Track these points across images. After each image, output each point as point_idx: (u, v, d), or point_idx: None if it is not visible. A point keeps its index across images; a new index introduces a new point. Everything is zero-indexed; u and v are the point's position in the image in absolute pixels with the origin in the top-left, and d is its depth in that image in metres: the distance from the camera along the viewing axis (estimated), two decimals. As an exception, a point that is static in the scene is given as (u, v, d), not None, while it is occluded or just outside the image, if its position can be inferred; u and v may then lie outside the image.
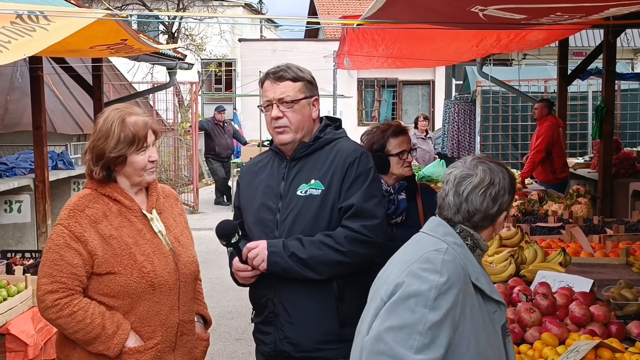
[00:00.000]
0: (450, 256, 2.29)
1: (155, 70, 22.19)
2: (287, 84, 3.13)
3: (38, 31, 3.38)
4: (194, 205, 14.88)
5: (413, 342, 2.15)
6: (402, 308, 2.22)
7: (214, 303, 8.09)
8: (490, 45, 7.08)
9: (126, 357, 2.89)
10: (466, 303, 2.25)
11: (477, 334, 2.26)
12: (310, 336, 3.06)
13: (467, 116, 15.78)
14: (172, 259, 3.02)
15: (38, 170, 8.37)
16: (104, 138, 2.91)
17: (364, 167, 3.11)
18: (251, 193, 3.27)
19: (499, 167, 2.43)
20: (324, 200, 3.07)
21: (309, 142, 3.19)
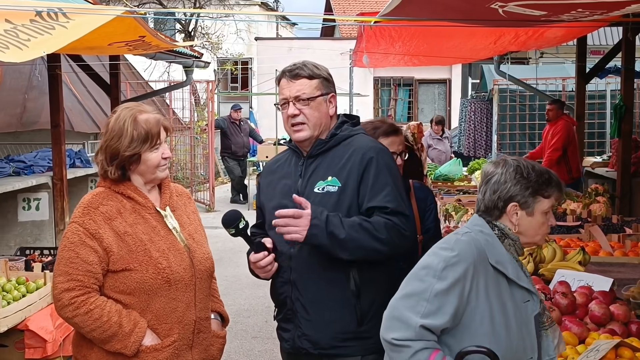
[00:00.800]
0: (467, 237, 2.50)
1: (172, 69, 22.26)
2: (303, 81, 3.13)
3: (57, 29, 3.39)
4: (210, 204, 14.91)
5: (420, 308, 2.37)
6: (414, 279, 2.47)
7: (230, 301, 8.10)
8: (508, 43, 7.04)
9: (144, 355, 2.89)
10: (479, 281, 2.42)
11: (492, 314, 2.41)
12: (328, 334, 3.06)
13: (484, 115, 15.72)
14: (187, 255, 3.02)
15: (56, 168, 8.43)
16: (117, 137, 2.91)
17: (385, 163, 3.09)
18: (270, 192, 3.27)
19: (510, 161, 2.55)
20: (341, 197, 3.06)
21: (326, 139, 3.18)
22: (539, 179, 2.51)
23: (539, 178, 2.51)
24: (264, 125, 21.72)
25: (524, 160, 2.56)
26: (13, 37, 3.17)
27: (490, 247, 2.49)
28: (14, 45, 3.09)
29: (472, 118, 15.86)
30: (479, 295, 2.41)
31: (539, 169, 2.54)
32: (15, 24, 3.28)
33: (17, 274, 4.73)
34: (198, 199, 15.48)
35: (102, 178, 3.00)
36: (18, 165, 8.68)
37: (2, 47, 3.07)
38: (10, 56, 3.07)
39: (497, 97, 14.86)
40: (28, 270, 4.98)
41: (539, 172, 2.52)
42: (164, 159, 3.00)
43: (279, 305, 3.24)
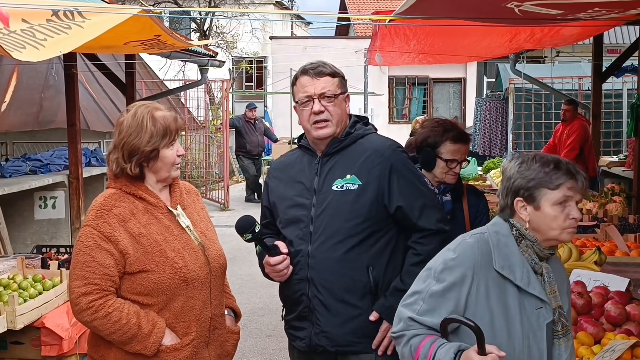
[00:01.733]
0: (473, 240, 2.48)
1: (187, 68, 22.32)
2: (327, 79, 3.15)
3: (73, 28, 3.41)
4: (224, 203, 14.94)
5: (417, 307, 2.43)
6: (418, 278, 2.53)
7: (244, 300, 8.11)
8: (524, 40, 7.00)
9: (164, 355, 2.89)
10: (479, 285, 2.40)
11: (492, 319, 2.39)
12: (346, 330, 3.07)
13: (499, 114, 15.65)
14: (202, 253, 3.02)
15: (72, 167, 8.49)
16: (136, 133, 2.90)
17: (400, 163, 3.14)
18: (281, 191, 3.27)
19: (521, 156, 2.51)
20: (360, 195, 3.07)
21: (341, 138, 3.19)
22: (541, 169, 2.41)
23: (542, 168, 2.41)
24: (278, 124, 21.75)
25: (534, 154, 2.50)
26: (30, 36, 3.19)
27: (500, 250, 2.44)
28: (30, 45, 3.10)
29: (487, 117, 15.80)
30: (479, 300, 2.38)
31: (545, 159, 2.44)
32: (32, 24, 3.30)
33: (33, 271, 4.76)
34: (212, 197, 15.52)
35: (113, 178, 2.99)
36: (34, 164, 8.74)
37: (19, 46, 3.09)
38: (27, 55, 3.09)
39: (512, 96, 14.80)
40: (44, 268, 5.01)
41: (543, 162, 2.42)
42: (179, 156, 3.00)
43: (292, 304, 3.24)
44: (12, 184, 7.81)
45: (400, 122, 23.96)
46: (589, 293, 3.67)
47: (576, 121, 9.78)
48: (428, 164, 3.66)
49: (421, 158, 3.67)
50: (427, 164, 3.67)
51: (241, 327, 7.15)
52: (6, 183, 7.82)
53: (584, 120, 9.94)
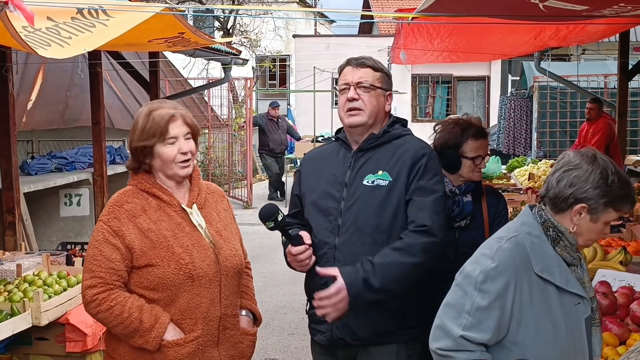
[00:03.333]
0: (510, 244, 2.40)
1: (211, 66, 22.43)
2: (367, 70, 3.20)
3: (98, 26, 3.43)
4: (247, 201, 14.98)
5: (462, 320, 2.35)
6: (457, 287, 2.44)
7: (267, 298, 8.13)
8: (549, 38, 6.93)
9: (166, 350, 2.91)
10: (523, 292, 2.35)
11: (538, 323, 2.35)
12: (369, 324, 3.08)
13: (524, 112, 15.55)
14: (213, 251, 3.02)
15: (97, 165, 8.55)
16: (132, 130, 2.98)
17: (432, 167, 3.13)
18: (313, 181, 3.29)
19: (600, 161, 2.41)
20: (391, 191, 3.08)
21: (378, 134, 3.21)
22: (619, 191, 2.39)
23: (619, 191, 2.39)
24: (301, 122, 21.77)
25: (612, 164, 2.43)
26: (55, 34, 3.21)
27: (536, 252, 2.41)
28: (55, 43, 3.13)
29: (511, 115, 15.70)
30: (523, 307, 2.36)
31: (623, 179, 2.41)
32: (57, 22, 3.32)
33: (58, 268, 4.80)
34: (236, 195, 15.57)
35: (133, 175, 3.06)
36: (60, 162, 8.83)
37: (44, 44, 3.12)
38: (52, 53, 3.12)
39: (537, 94, 14.70)
40: (69, 264, 5.06)
41: (620, 184, 2.39)
42: (182, 154, 2.98)
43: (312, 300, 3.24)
44: (38, 182, 7.89)
45: (423, 120, 23.87)
46: (614, 293, 3.64)
47: (601, 120, 9.69)
48: (453, 166, 3.63)
49: (445, 161, 3.63)
50: (452, 166, 3.63)
51: (264, 325, 7.20)
52: (32, 180, 7.91)
53: (610, 118, 9.84)
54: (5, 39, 3.14)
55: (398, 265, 2.95)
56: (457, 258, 3.56)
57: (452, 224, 3.59)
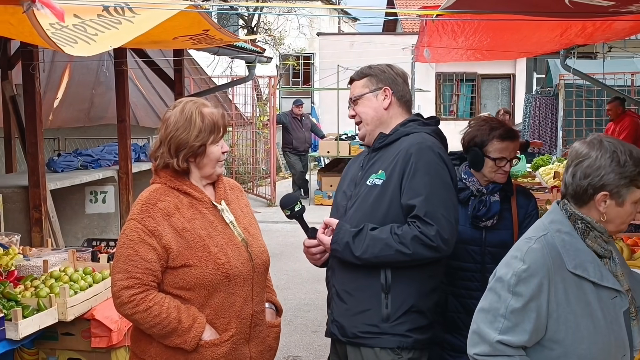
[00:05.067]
0: (539, 244, 2.37)
1: (235, 64, 22.50)
2: (355, 84, 3.31)
3: (124, 23, 3.46)
4: (270, 199, 15.01)
5: (498, 324, 2.34)
6: (491, 292, 2.41)
7: (290, 295, 8.14)
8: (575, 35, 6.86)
9: (203, 350, 2.90)
10: (558, 290, 2.33)
11: (577, 320, 2.33)
12: (354, 323, 3.10)
13: (549, 110, 15.43)
14: (245, 249, 3.02)
15: (122, 162, 8.62)
16: (184, 128, 2.91)
17: (425, 161, 3.05)
18: (343, 178, 3.42)
19: (607, 145, 2.37)
20: (382, 191, 3.09)
21: (388, 134, 3.22)
22: (634, 168, 2.34)
23: (635, 168, 2.34)
24: (325, 120, 21.75)
25: (621, 144, 2.38)
26: (81, 31, 3.24)
27: (568, 250, 2.37)
28: (81, 40, 3.16)
29: (536, 114, 15.58)
30: (560, 305, 2.33)
31: (635, 156, 2.36)
32: (83, 19, 3.35)
33: (84, 264, 4.84)
34: (259, 193, 15.61)
35: (158, 173, 3.01)
36: (85, 159, 8.90)
37: (70, 41, 3.14)
38: (79, 50, 3.15)
39: (563, 92, 14.58)
40: (94, 261, 5.09)
41: (634, 161, 2.34)
42: (223, 153, 3.03)
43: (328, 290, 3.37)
44: (64, 179, 7.97)
45: (447, 118, 23.76)
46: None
47: (627, 118, 9.58)
48: (476, 164, 3.60)
49: (469, 158, 3.62)
50: (475, 164, 3.60)
51: (287, 322, 7.21)
52: (58, 178, 7.98)
53: (636, 116, 9.73)
54: (32, 37, 3.18)
55: (385, 246, 2.98)
56: (483, 258, 3.55)
57: (477, 224, 3.57)
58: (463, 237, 3.50)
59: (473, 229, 3.57)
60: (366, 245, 2.99)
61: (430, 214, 2.96)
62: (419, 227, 2.96)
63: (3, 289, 4.13)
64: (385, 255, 2.98)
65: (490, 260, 3.46)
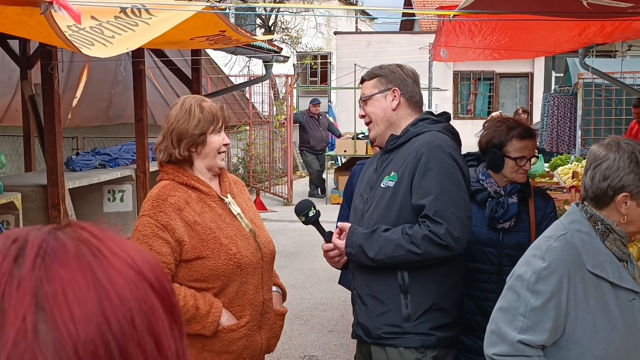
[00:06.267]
0: (559, 243, 2.36)
1: (252, 63, 22.52)
2: (365, 84, 3.31)
3: (140, 25, 3.47)
4: (287, 198, 15.03)
5: (517, 323, 2.32)
6: (510, 291, 2.40)
7: (307, 295, 8.15)
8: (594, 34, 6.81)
9: (221, 335, 2.99)
10: (577, 289, 2.31)
11: (594, 320, 2.32)
12: (377, 325, 3.14)
13: (568, 110, 15.32)
14: (253, 239, 3.12)
15: (139, 161, 8.67)
16: (184, 119, 3.01)
17: (437, 160, 3.04)
18: (360, 180, 3.43)
19: (624, 146, 2.36)
20: (394, 192, 3.10)
21: (399, 135, 3.21)
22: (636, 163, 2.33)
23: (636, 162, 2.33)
24: (342, 119, 21.75)
25: (639, 145, 2.38)
26: (98, 33, 3.26)
27: (587, 249, 2.36)
28: (98, 42, 3.18)
29: (555, 113, 15.47)
30: (578, 304, 2.32)
31: None
32: (100, 21, 3.37)
33: (101, 263, 4.88)
34: (276, 192, 15.63)
35: (165, 170, 3.10)
36: (104, 158, 8.97)
37: (88, 43, 3.17)
38: (96, 52, 3.17)
39: (581, 91, 14.46)
40: (112, 260, 5.13)
41: None
42: (225, 145, 3.10)
43: None
44: (82, 178, 8.03)
45: (465, 117, 23.68)
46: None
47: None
48: (496, 165, 3.56)
49: (488, 160, 3.59)
50: (495, 165, 3.57)
51: (303, 322, 7.21)
52: (76, 177, 8.04)
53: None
54: (50, 37, 3.21)
55: (397, 246, 2.99)
56: (500, 260, 3.54)
57: (495, 226, 3.55)
58: (480, 239, 3.50)
59: (490, 230, 3.55)
60: (379, 246, 3.02)
61: (440, 212, 2.96)
62: (429, 227, 2.96)
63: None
64: (398, 255, 2.99)
65: (507, 262, 3.44)
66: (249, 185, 15.62)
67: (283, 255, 9.81)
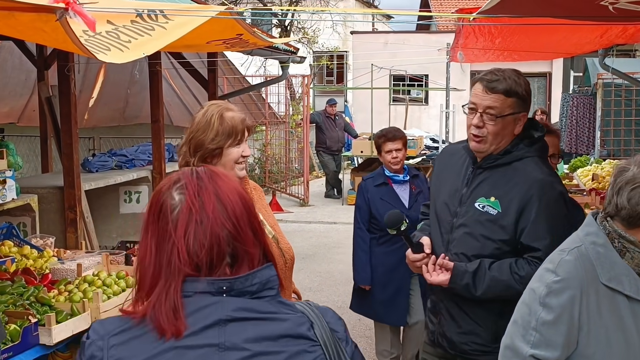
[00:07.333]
0: (572, 256, 2.30)
1: (268, 63, 22.53)
2: (498, 97, 3.02)
3: (157, 30, 3.44)
4: (304, 198, 14.99)
5: (530, 337, 2.29)
6: (523, 304, 2.38)
7: (324, 297, 8.10)
8: (615, 36, 6.73)
9: None
10: (590, 303, 2.26)
11: (608, 334, 2.26)
12: (463, 341, 3.14)
13: (587, 110, 15.18)
14: (277, 245, 3.15)
15: (155, 162, 8.65)
16: (203, 130, 3.02)
17: (547, 201, 2.97)
18: (439, 184, 3.31)
19: None
20: (497, 224, 3.02)
21: (498, 155, 3.10)
22: None
23: None
24: (358, 119, 21.69)
25: None
26: (114, 38, 3.24)
27: (602, 262, 2.28)
28: (115, 47, 3.15)
29: (574, 113, 15.34)
30: (591, 318, 2.26)
31: None
32: (116, 25, 3.35)
33: (117, 268, 4.85)
34: (292, 193, 15.60)
35: None
36: (120, 159, 8.95)
37: (104, 48, 3.14)
38: (112, 57, 3.15)
39: (601, 91, 14.32)
40: (128, 264, 5.10)
41: None
42: (243, 157, 3.08)
43: (429, 296, 3.39)
44: (99, 179, 8.02)
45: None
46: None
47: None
48: None
49: None
50: None
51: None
52: (93, 178, 8.03)
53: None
54: (66, 44, 3.18)
55: (506, 287, 2.96)
56: None
57: None
58: None
59: None
60: (486, 286, 2.97)
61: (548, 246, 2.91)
62: None
63: (37, 294, 4.15)
64: (506, 294, 2.94)
65: None
66: (265, 186, 15.60)
67: (300, 258, 9.75)
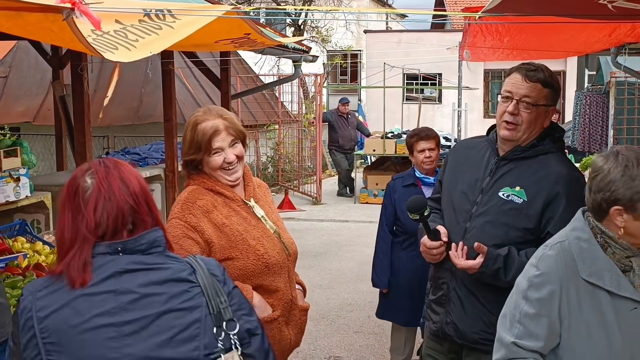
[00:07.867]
0: (554, 251, 2.38)
1: (282, 62, 22.59)
2: (536, 85, 3.10)
3: (164, 29, 3.49)
4: (316, 197, 15.04)
5: (515, 330, 2.37)
6: (510, 298, 2.47)
7: (333, 295, 8.16)
8: (624, 35, 6.72)
9: None
10: (570, 298, 2.32)
11: (589, 329, 2.31)
12: (474, 329, 3.15)
13: (600, 109, 15.11)
14: (279, 240, 3.21)
15: (168, 161, 8.74)
16: (183, 142, 3.16)
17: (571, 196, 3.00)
18: (456, 175, 3.33)
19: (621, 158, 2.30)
20: (522, 212, 3.05)
21: (525, 147, 3.16)
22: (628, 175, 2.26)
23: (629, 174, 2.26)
24: (371, 118, 21.71)
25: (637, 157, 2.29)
26: (122, 37, 3.29)
27: (584, 257, 2.34)
28: (122, 46, 3.20)
29: (587, 112, 15.27)
30: (572, 313, 2.32)
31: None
32: (124, 24, 3.40)
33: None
34: (305, 191, 15.65)
35: (191, 177, 3.21)
36: (133, 158, 9.06)
37: (111, 47, 3.19)
38: (119, 56, 3.20)
39: (614, 90, 14.25)
40: (138, 260, 5.18)
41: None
42: (228, 163, 3.12)
43: (435, 287, 3.37)
44: (112, 177, 8.09)
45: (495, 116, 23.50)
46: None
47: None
48: None
49: None
50: None
51: (329, 322, 7.19)
52: (106, 176, 8.11)
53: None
54: (73, 43, 3.24)
55: None
56: None
57: None
58: None
59: None
60: (516, 270, 2.94)
61: None
62: None
63: (48, 288, 4.22)
64: None
65: None
66: (278, 184, 15.67)
67: (310, 255, 9.82)
